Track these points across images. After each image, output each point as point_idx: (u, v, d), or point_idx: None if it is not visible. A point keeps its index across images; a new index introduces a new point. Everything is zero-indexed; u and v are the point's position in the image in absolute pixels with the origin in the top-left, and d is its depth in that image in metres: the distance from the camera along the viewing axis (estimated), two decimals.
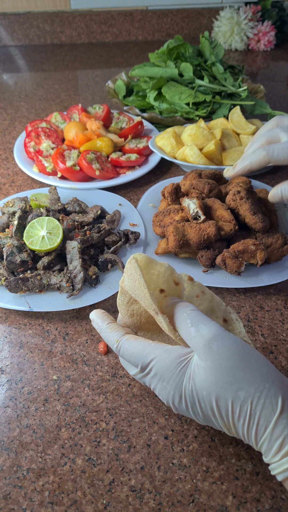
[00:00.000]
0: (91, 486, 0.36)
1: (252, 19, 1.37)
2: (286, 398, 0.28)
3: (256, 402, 0.28)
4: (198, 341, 0.29)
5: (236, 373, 0.28)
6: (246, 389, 0.28)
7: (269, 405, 0.28)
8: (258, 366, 0.29)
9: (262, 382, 0.28)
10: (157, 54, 0.93)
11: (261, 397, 0.28)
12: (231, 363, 0.28)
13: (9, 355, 0.46)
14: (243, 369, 0.28)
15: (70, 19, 1.37)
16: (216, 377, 0.28)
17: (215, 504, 0.35)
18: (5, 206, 0.61)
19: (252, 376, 0.28)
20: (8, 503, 0.35)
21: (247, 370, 0.28)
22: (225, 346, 0.29)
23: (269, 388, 0.28)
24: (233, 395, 0.28)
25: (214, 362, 0.28)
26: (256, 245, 0.52)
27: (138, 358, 0.32)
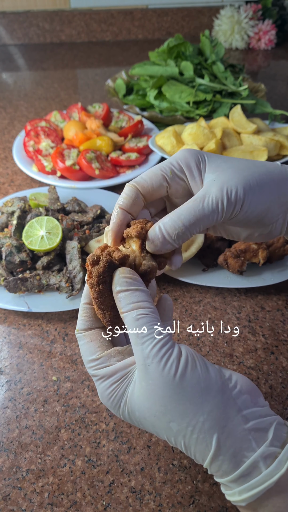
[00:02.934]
0: (91, 487, 0.36)
1: (252, 17, 1.37)
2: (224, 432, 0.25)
3: (189, 437, 0.25)
4: (138, 356, 0.26)
5: (167, 404, 0.25)
6: (178, 422, 0.25)
7: (202, 441, 0.25)
8: (194, 396, 0.25)
9: (196, 415, 0.25)
10: (157, 53, 0.93)
11: (194, 432, 0.25)
12: (164, 392, 0.25)
13: (8, 355, 0.46)
14: (175, 400, 0.25)
15: (69, 17, 1.37)
16: (149, 403, 0.26)
17: (215, 505, 0.34)
18: (4, 206, 0.61)
19: (185, 408, 0.25)
20: (7, 504, 0.35)
21: (179, 401, 0.25)
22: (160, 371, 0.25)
23: (203, 422, 0.25)
24: (165, 426, 0.26)
25: (148, 387, 0.25)
26: (258, 244, 0.51)
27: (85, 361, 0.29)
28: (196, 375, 0.25)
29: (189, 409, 0.25)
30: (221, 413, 0.25)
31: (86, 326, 0.30)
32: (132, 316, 0.26)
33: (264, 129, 0.77)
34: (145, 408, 0.26)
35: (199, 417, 0.25)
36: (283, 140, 0.72)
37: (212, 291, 0.54)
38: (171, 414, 0.25)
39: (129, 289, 0.27)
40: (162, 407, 0.25)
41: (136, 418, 0.27)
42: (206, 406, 0.25)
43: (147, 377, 0.25)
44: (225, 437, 0.25)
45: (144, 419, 0.26)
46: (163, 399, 0.25)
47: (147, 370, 0.25)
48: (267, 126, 0.79)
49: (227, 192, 0.28)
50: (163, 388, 0.25)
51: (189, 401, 0.25)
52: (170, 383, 0.25)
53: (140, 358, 0.26)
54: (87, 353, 0.29)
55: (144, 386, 0.26)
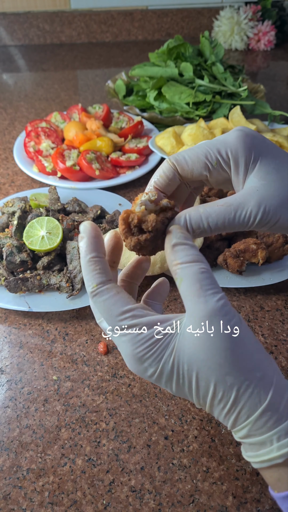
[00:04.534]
0: (91, 487, 0.36)
1: (252, 18, 1.37)
2: (277, 390, 0.26)
3: (244, 390, 0.25)
4: (199, 308, 0.25)
5: (228, 357, 0.25)
6: (235, 375, 0.25)
7: (256, 396, 0.25)
8: (253, 354, 0.26)
9: (253, 371, 0.26)
10: (157, 54, 0.93)
11: (249, 386, 0.25)
12: (226, 345, 0.25)
13: (9, 355, 0.46)
14: (237, 354, 0.25)
15: (70, 18, 1.37)
16: (206, 354, 0.25)
17: (215, 505, 0.35)
18: (4, 206, 0.61)
19: (245, 364, 0.25)
20: (8, 504, 0.35)
21: (241, 356, 0.25)
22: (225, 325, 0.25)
23: (260, 378, 0.26)
24: (220, 378, 0.25)
25: (208, 338, 0.25)
26: (257, 244, 0.52)
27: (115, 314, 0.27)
28: (253, 336, 0.27)
29: (248, 365, 0.25)
30: (274, 374, 0.26)
31: (104, 278, 0.27)
32: (194, 268, 0.26)
33: (263, 130, 0.78)
34: (199, 359, 0.26)
35: (256, 373, 0.26)
36: (283, 140, 0.72)
37: None
38: (229, 367, 0.25)
39: (187, 243, 0.27)
40: (222, 359, 0.25)
41: (182, 371, 0.26)
42: (262, 365, 0.26)
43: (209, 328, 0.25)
44: (277, 394, 0.26)
45: (193, 371, 0.26)
46: (224, 352, 0.25)
47: (210, 322, 0.25)
48: (266, 127, 0.79)
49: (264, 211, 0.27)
50: (226, 341, 0.25)
51: (249, 358, 0.26)
52: (233, 338, 0.25)
53: (202, 310, 0.25)
54: (119, 304, 0.27)
55: (202, 338, 0.25)
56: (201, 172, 0.29)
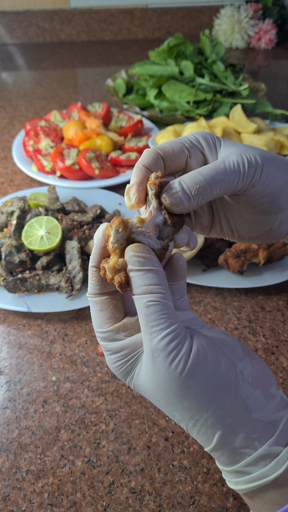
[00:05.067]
0: (91, 488, 0.36)
1: (253, 17, 1.36)
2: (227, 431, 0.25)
3: (191, 428, 0.25)
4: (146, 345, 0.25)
5: (172, 397, 0.25)
6: (181, 413, 0.25)
7: (204, 434, 0.25)
8: (200, 394, 0.24)
9: (200, 412, 0.24)
10: (157, 52, 0.92)
11: (196, 425, 0.25)
12: (169, 386, 0.24)
13: (8, 356, 0.46)
14: (179, 395, 0.24)
15: (69, 17, 1.36)
16: (154, 390, 0.25)
17: (215, 506, 0.34)
18: (3, 206, 0.61)
19: (189, 404, 0.24)
20: (7, 505, 0.34)
21: (184, 397, 0.24)
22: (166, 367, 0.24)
23: (207, 418, 0.24)
24: (169, 413, 0.26)
25: (154, 377, 0.25)
26: (258, 244, 0.51)
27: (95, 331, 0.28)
28: (205, 373, 0.24)
29: (193, 405, 0.24)
30: (227, 412, 0.25)
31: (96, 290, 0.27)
32: (142, 301, 0.24)
33: (264, 129, 0.77)
34: (150, 393, 0.26)
35: (203, 414, 0.24)
36: (284, 139, 0.72)
37: (212, 291, 0.54)
38: (175, 405, 0.25)
39: (141, 269, 0.25)
40: (167, 398, 0.25)
41: (144, 394, 0.27)
42: (211, 405, 0.24)
43: (154, 368, 0.25)
44: (228, 434, 0.25)
45: (148, 397, 0.26)
46: (167, 392, 0.25)
47: (154, 361, 0.24)
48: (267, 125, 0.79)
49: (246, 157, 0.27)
50: (168, 382, 0.24)
51: (194, 399, 0.24)
52: (176, 380, 0.24)
53: (147, 348, 0.25)
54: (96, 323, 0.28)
55: (150, 375, 0.25)
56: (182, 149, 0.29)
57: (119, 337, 0.27)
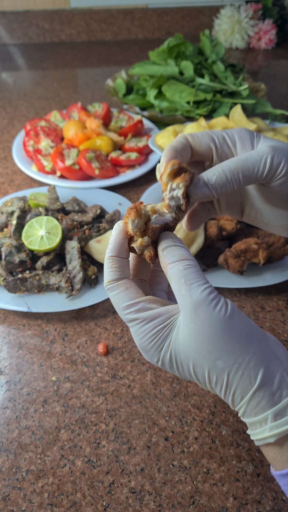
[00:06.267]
0: (91, 488, 0.36)
1: (253, 17, 1.36)
2: (267, 371, 0.27)
3: (234, 374, 0.27)
4: (186, 301, 0.27)
5: (216, 342, 0.27)
6: (224, 359, 0.27)
7: (247, 378, 0.27)
8: (241, 337, 0.27)
9: (242, 354, 0.27)
10: (157, 53, 0.92)
11: (239, 369, 0.27)
12: (213, 331, 0.27)
13: (8, 356, 0.46)
14: (224, 339, 0.27)
15: (69, 17, 1.36)
16: (196, 343, 0.27)
17: (215, 506, 0.34)
18: (3, 206, 0.61)
19: (233, 347, 0.27)
20: (7, 505, 0.34)
21: (228, 340, 0.27)
22: (210, 312, 0.27)
23: (249, 360, 0.27)
24: (211, 364, 0.27)
25: (196, 328, 0.27)
26: (258, 244, 0.51)
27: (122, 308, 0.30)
28: (243, 319, 0.28)
29: (236, 348, 0.27)
30: (264, 355, 0.27)
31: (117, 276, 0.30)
32: (179, 266, 0.28)
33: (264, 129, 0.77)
34: (191, 348, 0.27)
35: (245, 356, 0.27)
36: (284, 139, 0.72)
37: None
38: (218, 352, 0.27)
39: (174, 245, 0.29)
40: (210, 346, 0.27)
41: (179, 360, 0.28)
42: (251, 347, 0.27)
43: (196, 318, 0.27)
44: (269, 373, 0.27)
45: (188, 359, 0.28)
46: (212, 338, 0.27)
47: (196, 312, 0.27)
48: (267, 125, 0.79)
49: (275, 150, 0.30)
50: (212, 328, 0.27)
51: (237, 341, 0.27)
52: (220, 323, 0.27)
53: (188, 303, 0.27)
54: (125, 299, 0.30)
55: (191, 328, 0.27)
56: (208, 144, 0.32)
57: (153, 306, 0.29)
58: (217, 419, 0.40)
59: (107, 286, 0.30)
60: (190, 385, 0.43)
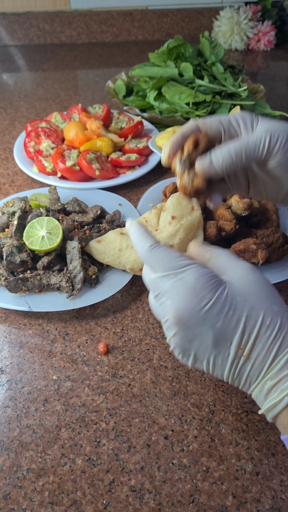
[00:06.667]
0: (91, 486, 0.36)
1: (252, 19, 1.37)
2: None
3: (287, 318, 0.31)
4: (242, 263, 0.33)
5: (272, 291, 0.32)
6: (279, 305, 0.31)
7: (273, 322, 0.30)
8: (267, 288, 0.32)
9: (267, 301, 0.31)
10: (157, 54, 0.93)
11: (266, 316, 0.30)
12: (269, 285, 0.32)
13: (9, 355, 0.46)
14: (277, 294, 0.32)
15: (70, 19, 1.37)
16: (256, 288, 0.31)
17: (215, 504, 0.35)
18: (4, 206, 0.61)
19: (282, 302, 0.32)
20: (8, 503, 0.35)
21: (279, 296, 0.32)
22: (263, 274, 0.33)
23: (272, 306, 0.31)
24: (267, 307, 0.31)
25: (255, 278, 0.32)
26: (257, 244, 0.52)
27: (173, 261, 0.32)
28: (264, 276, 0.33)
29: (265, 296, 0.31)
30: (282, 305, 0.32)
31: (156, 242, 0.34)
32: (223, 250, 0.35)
33: None
34: (250, 292, 0.31)
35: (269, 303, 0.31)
36: None
37: None
38: (274, 298, 0.32)
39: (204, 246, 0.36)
40: (268, 292, 0.32)
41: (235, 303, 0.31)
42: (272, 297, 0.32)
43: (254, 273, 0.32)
44: None
45: (245, 302, 0.31)
46: (269, 287, 0.32)
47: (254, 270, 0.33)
48: None
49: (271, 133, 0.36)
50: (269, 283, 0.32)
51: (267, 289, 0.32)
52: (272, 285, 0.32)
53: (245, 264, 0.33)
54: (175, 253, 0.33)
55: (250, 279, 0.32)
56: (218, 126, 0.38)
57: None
58: (216, 417, 0.40)
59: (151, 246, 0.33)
60: (190, 384, 0.43)
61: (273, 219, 0.59)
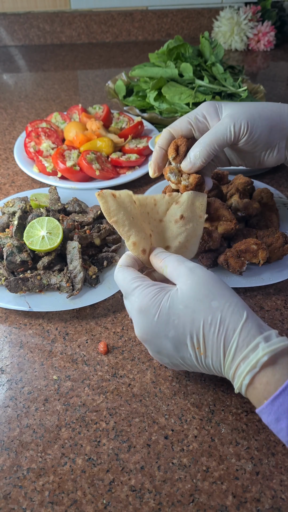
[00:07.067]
0: (91, 486, 0.36)
1: (252, 19, 1.37)
2: (250, 312, 0.34)
3: (226, 310, 0.34)
4: (183, 269, 0.36)
5: (211, 288, 0.35)
6: (218, 300, 0.34)
7: (236, 313, 0.33)
8: (228, 288, 0.36)
9: (231, 297, 0.35)
10: (157, 54, 0.93)
11: (230, 306, 0.34)
12: (208, 281, 0.35)
13: (9, 355, 0.46)
14: (216, 286, 0.35)
15: (70, 19, 1.37)
16: (195, 291, 0.34)
17: (215, 504, 0.35)
18: (5, 206, 0.61)
19: (223, 292, 0.35)
20: (8, 503, 0.35)
21: (219, 287, 0.35)
22: (203, 270, 0.36)
23: (236, 302, 0.34)
24: (207, 306, 0.34)
25: (194, 280, 0.35)
26: (258, 245, 0.52)
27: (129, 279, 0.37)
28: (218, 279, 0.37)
29: (226, 293, 0.35)
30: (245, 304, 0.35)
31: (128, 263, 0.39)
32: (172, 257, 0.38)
33: None
34: (190, 297, 0.34)
35: (233, 298, 0.35)
36: None
37: None
38: (213, 295, 0.34)
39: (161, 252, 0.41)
40: (207, 291, 0.34)
41: (177, 312, 0.34)
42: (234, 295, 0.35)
43: (193, 275, 0.35)
44: (250, 313, 0.34)
45: (187, 308, 0.34)
46: (207, 285, 0.35)
47: (193, 272, 0.36)
48: None
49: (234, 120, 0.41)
50: (206, 279, 0.35)
51: (226, 288, 0.35)
52: (211, 276, 0.36)
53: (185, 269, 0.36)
54: (132, 274, 0.38)
55: (189, 283, 0.35)
56: (186, 126, 0.44)
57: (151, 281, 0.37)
58: (216, 417, 0.40)
59: (117, 268, 0.39)
60: (190, 384, 0.43)
61: (273, 219, 0.59)
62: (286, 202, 0.65)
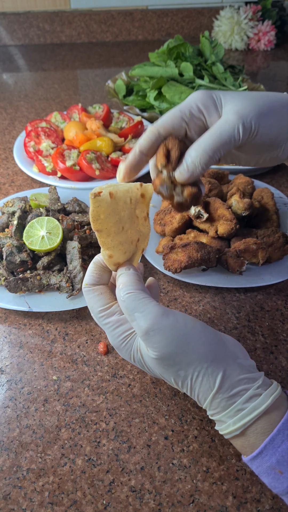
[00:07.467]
0: (91, 487, 0.36)
1: (252, 18, 1.37)
2: (225, 374, 0.30)
3: (195, 380, 0.30)
4: (137, 330, 0.31)
5: (175, 358, 0.30)
6: (185, 369, 0.30)
7: (206, 383, 0.30)
8: (197, 348, 0.30)
9: (200, 363, 0.30)
10: (157, 54, 0.93)
11: (199, 376, 0.30)
12: (169, 350, 0.30)
13: (9, 355, 0.46)
14: (181, 354, 0.30)
15: (70, 18, 1.37)
16: (157, 360, 0.31)
17: (215, 505, 0.35)
18: (4, 206, 0.61)
19: (190, 359, 0.30)
20: (8, 504, 0.35)
21: (185, 354, 0.30)
22: (162, 335, 0.30)
23: (207, 367, 0.30)
24: (175, 374, 0.31)
25: (154, 350, 0.30)
26: (257, 244, 0.52)
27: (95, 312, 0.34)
28: (198, 329, 0.31)
29: (194, 359, 0.30)
30: (222, 359, 0.30)
31: (94, 281, 0.34)
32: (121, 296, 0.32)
33: None
34: (153, 363, 0.31)
35: (203, 364, 0.30)
36: None
37: (211, 291, 0.54)
38: (178, 365, 0.30)
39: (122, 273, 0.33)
40: (170, 361, 0.30)
41: (147, 366, 0.33)
42: (209, 355, 0.30)
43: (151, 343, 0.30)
44: (225, 379, 0.30)
45: (154, 369, 0.32)
46: (170, 356, 0.30)
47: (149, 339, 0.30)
48: None
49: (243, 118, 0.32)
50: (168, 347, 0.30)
51: (193, 352, 0.30)
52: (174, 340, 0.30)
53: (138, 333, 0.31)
54: (98, 304, 0.33)
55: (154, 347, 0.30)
56: (180, 123, 0.33)
57: None
58: None
59: (84, 289, 0.34)
60: None
61: (273, 219, 0.59)
62: (286, 202, 0.64)
